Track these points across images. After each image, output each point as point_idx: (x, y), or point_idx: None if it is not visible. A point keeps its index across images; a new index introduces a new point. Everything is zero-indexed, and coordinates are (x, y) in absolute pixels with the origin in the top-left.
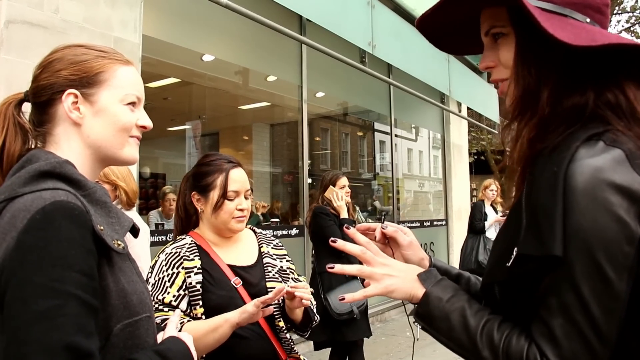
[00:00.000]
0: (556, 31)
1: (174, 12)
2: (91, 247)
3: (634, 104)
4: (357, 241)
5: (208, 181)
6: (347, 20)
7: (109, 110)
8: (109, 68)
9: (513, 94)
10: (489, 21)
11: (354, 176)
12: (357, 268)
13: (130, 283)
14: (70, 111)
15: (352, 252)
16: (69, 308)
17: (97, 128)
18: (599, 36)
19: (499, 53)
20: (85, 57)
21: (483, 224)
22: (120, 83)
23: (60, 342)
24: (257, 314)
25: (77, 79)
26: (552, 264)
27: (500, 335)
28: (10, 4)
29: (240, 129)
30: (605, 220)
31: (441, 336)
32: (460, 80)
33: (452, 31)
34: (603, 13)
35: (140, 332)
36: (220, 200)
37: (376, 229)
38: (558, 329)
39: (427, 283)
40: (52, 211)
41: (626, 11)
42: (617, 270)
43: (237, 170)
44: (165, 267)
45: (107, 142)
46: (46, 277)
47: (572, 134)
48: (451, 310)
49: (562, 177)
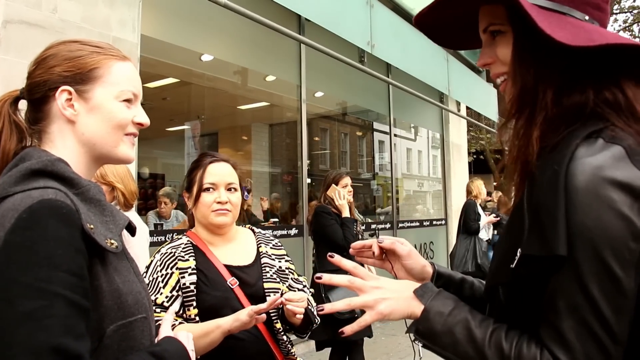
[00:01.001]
0: (554, 31)
1: (172, 11)
2: (80, 246)
3: (632, 102)
4: (343, 267)
5: (191, 177)
6: (346, 20)
7: (104, 107)
8: (104, 64)
9: (511, 93)
10: (487, 18)
11: (353, 176)
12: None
13: (125, 283)
14: (64, 108)
15: (339, 284)
16: (56, 309)
17: (92, 125)
18: (597, 36)
19: (497, 50)
20: (79, 52)
21: (478, 224)
22: (116, 79)
23: (47, 344)
24: (250, 322)
25: (71, 75)
26: (556, 264)
27: (510, 344)
28: (8, 4)
29: (239, 129)
30: (609, 218)
31: (446, 352)
32: (459, 80)
33: (450, 26)
34: (602, 10)
35: (135, 333)
36: (198, 194)
37: (372, 245)
38: (569, 331)
39: (425, 298)
40: (39, 210)
41: (624, 11)
42: (625, 268)
43: (218, 164)
44: (159, 267)
45: (102, 139)
46: (32, 277)
47: (571, 132)
48: (454, 324)
49: (563, 176)
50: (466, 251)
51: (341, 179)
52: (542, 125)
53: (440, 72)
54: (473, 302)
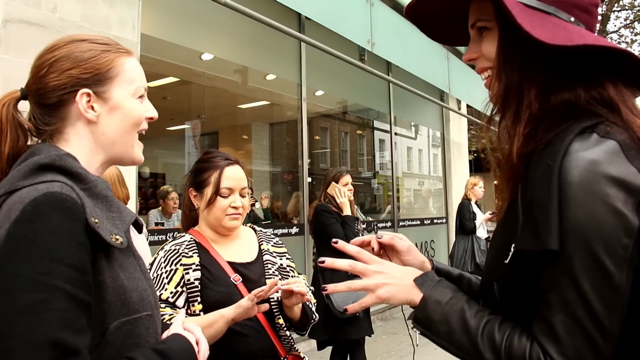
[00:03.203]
0: (534, 28)
1: (172, 10)
2: (84, 240)
3: (616, 101)
4: (347, 252)
5: (203, 177)
6: (346, 18)
7: (124, 106)
8: (117, 62)
9: (495, 89)
10: (475, 14)
11: (354, 175)
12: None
13: (130, 280)
14: (85, 111)
15: (341, 267)
16: (56, 302)
17: (112, 125)
18: (577, 36)
19: (482, 46)
20: (92, 52)
21: (474, 223)
22: (130, 77)
23: (45, 338)
24: (252, 308)
25: (89, 77)
26: (549, 258)
27: (502, 335)
28: (8, 3)
29: (239, 128)
30: (602, 213)
31: (441, 340)
32: (459, 78)
33: (445, 21)
34: (590, 13)
35: (140, 330)
36: (213, 197)
37: (371, 241)
38: (559, 325)
39: (425, 287)
40: (43, 203)
41: (625, 8)
42: (617, 263)
43: (233, 168)
44: (163, 263)
45: (122, 139)
46: (33, 270)
47: (565, 128)
48: (450, 313)
49: (557, 170)
50: (464, 251)
51: (341, 177)
52: (527, 122)
53: (441, 70)
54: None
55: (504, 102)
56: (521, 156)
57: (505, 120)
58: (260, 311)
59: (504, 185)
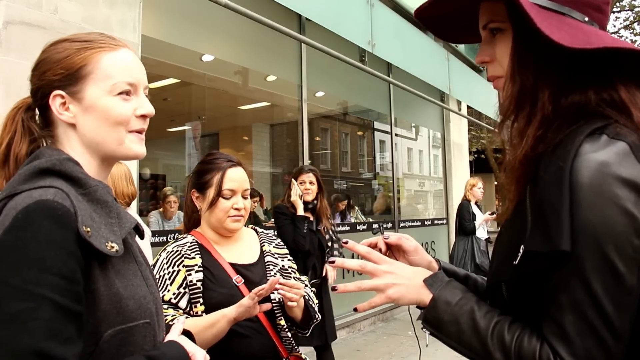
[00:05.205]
0: (553, 32)
1: (173, 12)
2: (74, 249)
3: (627, 104)
4: (357, 252)
5: (206, 179)
6: (347, 19)
7: (98, 105)
8: (92, 59)
9: (509, 91)
10: (487, 15)
11: (354, 176)
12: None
13: (128, 287)
14: (59, 113)
15: (351, 267)
16: (42, 312)
17: (90, 125)
18: (595, 38)
19: (496, 49)
20: (66, 52)
21: (473, 224)
22: (106, 73)
23: (29, 347)
24: (253, 307)
25: (60, 78)
26: (560, 259)
27: (512, 336)
28: (9, 5)
29: (240, 129)
30: (613, 214)
31: (451, 341)
32: (460, 79)
33: (452, 20)
34: (603, 11)
35: (136, 338)
36: (215, 199)
37: (378, 242)
38: (570, 326)
39: (434, 287)
40: (34, 211)
41: (625, 9)
42: (628, 264)
43: (235, 170)
44: (166, 265)
45: (104, 139)
46: (21, 278)
47: (575, 130)
48: (460, 314)
49: (567, 172)
50: (464, 252)
51: (300, 174)
52: (540, 124)
53: (441, 71)
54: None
55: (517, 104)
56: (532, 158)
57: (517, 122)
58: (262, 310)
59: (512, 187)
